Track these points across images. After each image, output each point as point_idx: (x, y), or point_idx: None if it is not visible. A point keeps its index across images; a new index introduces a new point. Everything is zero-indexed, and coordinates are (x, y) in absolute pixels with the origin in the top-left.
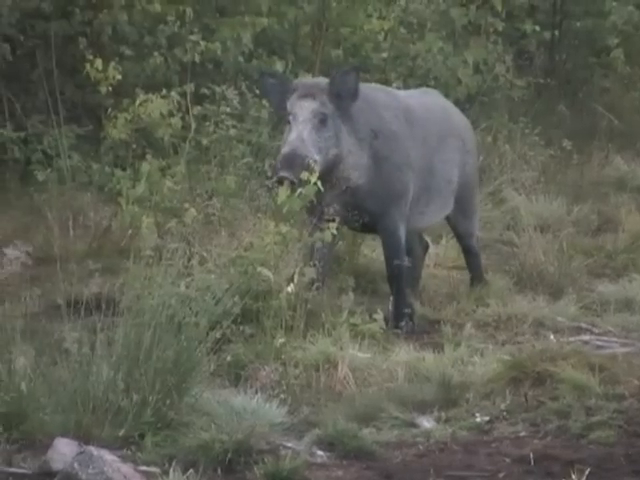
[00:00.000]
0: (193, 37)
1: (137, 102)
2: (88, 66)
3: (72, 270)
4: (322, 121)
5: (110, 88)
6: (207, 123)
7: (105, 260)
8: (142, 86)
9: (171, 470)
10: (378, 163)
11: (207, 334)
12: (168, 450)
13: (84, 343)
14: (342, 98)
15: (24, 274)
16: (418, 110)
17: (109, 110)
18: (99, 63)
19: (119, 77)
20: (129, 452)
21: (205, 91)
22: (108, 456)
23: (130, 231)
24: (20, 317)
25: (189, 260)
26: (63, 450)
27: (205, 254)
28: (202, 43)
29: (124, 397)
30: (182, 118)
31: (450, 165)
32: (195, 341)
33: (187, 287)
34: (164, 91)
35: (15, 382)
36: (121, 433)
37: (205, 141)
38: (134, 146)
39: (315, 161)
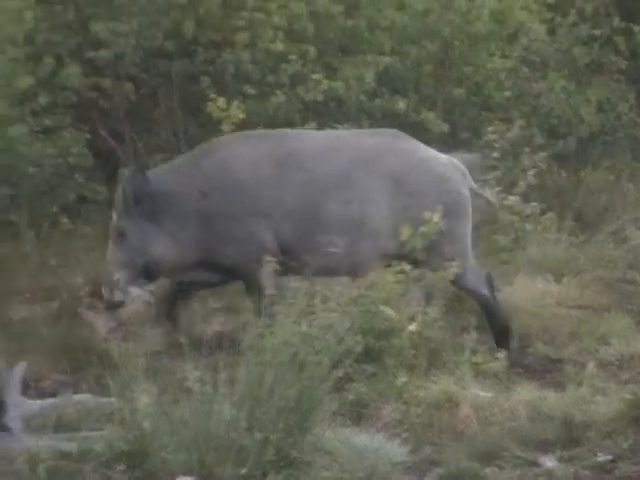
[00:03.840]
0: (315, 76)
1: None
2: (210, 105)
3: (194, 309)
4: (121, 235)
5: (233, 126)
6: None
7: (227, 299)
8: (264, 124)
9: None
10: (210, 224)
11: (329, 373)
12: None
13: (206, 382)
14: (136, 202)
15: (147, 313)
16: (308, 154)
17: None
18: (222, 102)
19: (242, 116)
20: None
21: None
22: None
23: None
24: (143, 355)
25: (311, 299)
26: None
27: (327, 292)
28: (325, 82)
29: (246, 435)
30: None
31: (363, 205)
32: (317, 380)
33: (309, 326)
34: None
35: (138, 420)
36: (243, 471)
37: None
38: None
39: (117, 281)
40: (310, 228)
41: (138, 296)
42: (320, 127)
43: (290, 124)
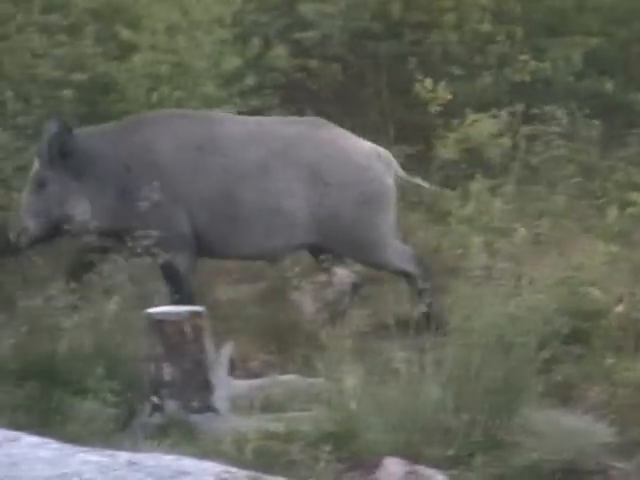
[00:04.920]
0: (523, 57)
1: (467, 122)
2: (418, 86)
3: (401, 289)
4: (40, 184)
5: (440, 108)
6: (536, 143)
7: (434, 279)
8: (472, 106)
9: None
10: (130, 199)
11: (536, 354)
12: (497, 470)
13: (413, 363)
14: (61, 156)
15: (353, 293)
16: (229, 139)
17: (439, 130)
18: (429, 83)
19: (449, 97)
20: (458, 472)
21: (535, 111)
22: (437, 476)
23: (459, 251)
24: (349, 336)
25: (518, 280)
26: (392, 469)
27: (534, 274)
28: (532, 63)
29: (453, 417)
30: (511, 138)
31: (280, 196)
32: (524, 361)
33: (516, 307)
34: (493, 111)
35: (344, 401)
36: (450, 453)
37: (534, 161)
38: (463, 166)
39: (25, 229)
40: (226, 216)
41: (345, 276)
42: (528, 108)
43: (497, 105)
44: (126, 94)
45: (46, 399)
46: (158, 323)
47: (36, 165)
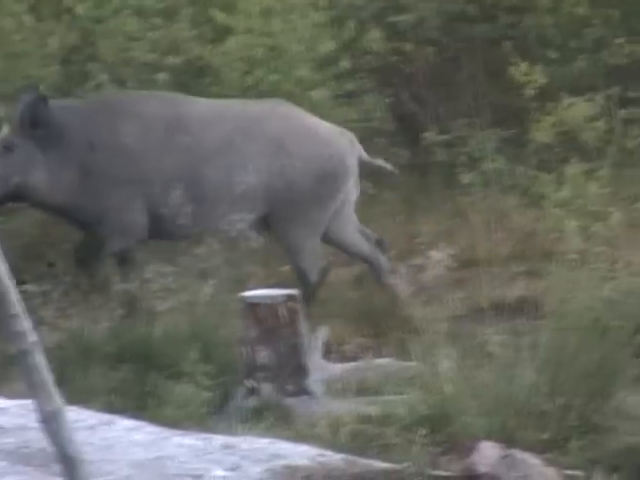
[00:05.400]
0: (619, 40)
1: (562, 106)
2: (513, 69)
3: (496, 273)
4: (6, 148)
5: (535, 91)
6: (632, 126)
7: (528, 263)
8: (567, 89)
9: (595, 474)
10: (89, 176)
11: (631, 338)
12: (592, 454)
13: (508, 346)
14: (32, 125)
15: (448, 277)
16: (194, 119)
17: (534, 113)
18: (524, 66)
19: (544, 81)
20: (553, 456)
21: (631, 94)
22: (532, 460)
23: (554, 234)
24: (444, 320)
25: (613, 263)
26: (487, 453)
27: (630, 257)
28: (628, 46)
29: (548, 401)
30: (607, 121)
31: (243, 170)
32: (619, 345)
33: (611, 291)
34: (589, 94)
35: (439, 385)
36: (545, 436)
37: (630, 144)
38: (558, 149)
39: None
40: (191, 195)
41: (440, 260)
42: (623, 92)
43: (593, 88)
44: (220, 77)
45: (141, 382)
46: (253, 306)
47: (4, 130)
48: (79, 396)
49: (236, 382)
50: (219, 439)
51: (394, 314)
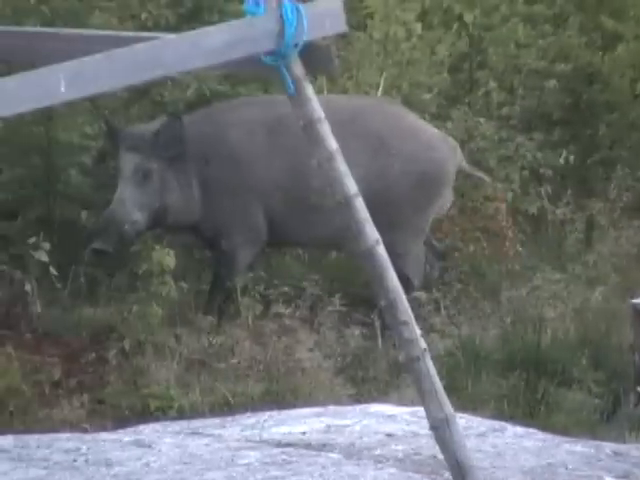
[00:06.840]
0: None
1: None
2: None
3: None
4: (145, 176)
5: None
6: None
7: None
8: None
9: None
10: (209, 190)
11: None
12: None
13: None
14: (168, 148)
15: None
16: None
17: None
18: None
19: None
20: None
21: None
22: None
23: None
24: None
25: None
26: None
27: None
28: None
29: None
30: None
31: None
32: None
33: None
34: None
35: None
36: None
37: None
38: None
39: (135, 222)
40: (298, 196)
41: None
42: None
43: None
44: (610, 84)
45: (531, 389)
46: None
47: (136, 157)
48: (469, 403)
49: (627, 389)
50: (609, 446)
51: None
